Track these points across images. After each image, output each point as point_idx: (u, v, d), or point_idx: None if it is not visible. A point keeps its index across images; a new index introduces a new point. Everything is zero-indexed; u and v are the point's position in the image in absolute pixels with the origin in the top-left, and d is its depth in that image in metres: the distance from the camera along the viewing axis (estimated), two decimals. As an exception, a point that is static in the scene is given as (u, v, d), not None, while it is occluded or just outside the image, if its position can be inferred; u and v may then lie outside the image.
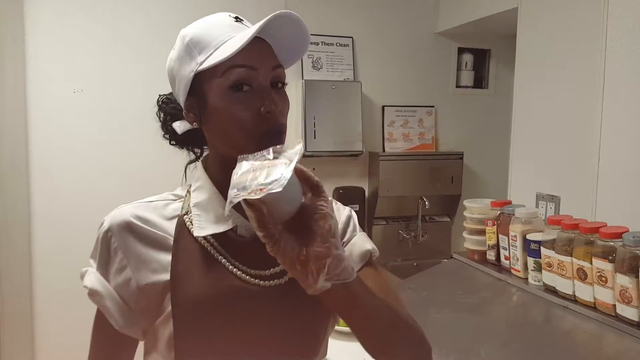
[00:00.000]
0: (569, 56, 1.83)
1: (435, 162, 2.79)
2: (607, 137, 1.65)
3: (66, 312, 2.33)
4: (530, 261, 1.63)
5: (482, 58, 3.00)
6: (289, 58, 0.80)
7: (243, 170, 0.62)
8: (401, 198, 2.78)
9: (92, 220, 0.80)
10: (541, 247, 1.57)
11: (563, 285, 1.49)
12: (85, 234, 0.82)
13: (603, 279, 1.34)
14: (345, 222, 0.89)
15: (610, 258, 1.32)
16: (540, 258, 1.58)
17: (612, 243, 1.33)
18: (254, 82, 0.74)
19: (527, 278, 1.65)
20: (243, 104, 0.73)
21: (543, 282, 1.58)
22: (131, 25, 2.41)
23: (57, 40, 2.32)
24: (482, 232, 1.88)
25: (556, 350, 1.35)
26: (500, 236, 1.78)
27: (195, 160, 0.89)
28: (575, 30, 1.80)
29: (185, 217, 0.79)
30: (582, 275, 1.41)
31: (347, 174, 2.79)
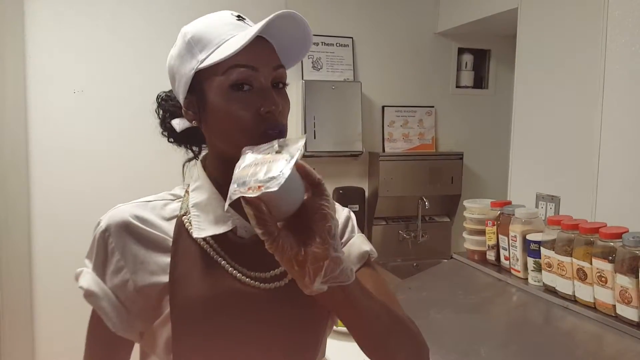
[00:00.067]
0: (569, 56, 1.83)
1: (435, 163, 2.79)
2: (607, 137, 1.65)
3: (66, 312, 2.33)
4: (530, 261, 1.62)
5: (482, 58, 3.00)
6: (291, 58, 0.79)
7: (246, 163, 0.61)
8: (401, 198, 2.78)
9: (92, 220, 0.80)
10: (541, 248, 1.57)
11: (563, 285, 1.49)
12: (85, 234, 0.82)
13: (603, 280, 1.34)
14: (343, 223, 0.88)
15: (610, 258, 1.32)
16: (540, 258, 1.58)
17: (612, 243, 1.33)
18: (255, 82, 0.73)
19: (527, 278, 1.65)
20: (243, 103, 0.72)
21: (543, 283, 1.58)
22: (131, 25, 2.41)
23: (57, 40, 2.32)
24: (482, 233, 1.87)
25: (556, 350, 1.35)
26: (500, 236, 1.78)
27: (193, 158, 0.88)
28: (575, 30, 1.80)
29: (184, 218, 0.78)
30: (582, 275, 1.41)
31: (347, 174, 2.79)
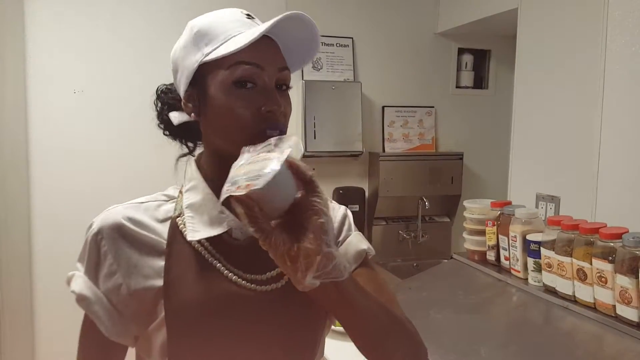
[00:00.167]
0: (569, 56, 1.82)
1: (435, 163, 2.79)
2: (607, 137, 1.65)
3: (66, 312, 2.30)
4: (530, 262, 1.62)
5: (482, 58, 2.99)
6: (295, 61, 0.78)
7: (242, 162, 0.61)
8: (401, 198, 2.78)
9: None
10: (541, 248, 1.57)
11: (563, 285, 1.49)
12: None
13: (603, 280, 1.34)
14: (340, 221, 0.87)
15: (610, 259, 1.32)
16: (540, 258, 1.58)
17: (612, 244, 1.33)
18: (259, 81, 0.72)
19: (527, 278, 1.65)
20: (245, 101, 0.71)
21: (543, 283, 1.58)
22: (131, 25, 2.41)
23: (57, 40, 2.32)
24: (482, 233, 1.87)
25: (556, 350, 1.35)
26: (500, 237, 1.77)
27: (187, 154, 0.87)
28: (575, 30, 1.80)
29: (178, 220, 0.76)
30: (582, 275, 1.41)
31: (347, 174, 2.79)
